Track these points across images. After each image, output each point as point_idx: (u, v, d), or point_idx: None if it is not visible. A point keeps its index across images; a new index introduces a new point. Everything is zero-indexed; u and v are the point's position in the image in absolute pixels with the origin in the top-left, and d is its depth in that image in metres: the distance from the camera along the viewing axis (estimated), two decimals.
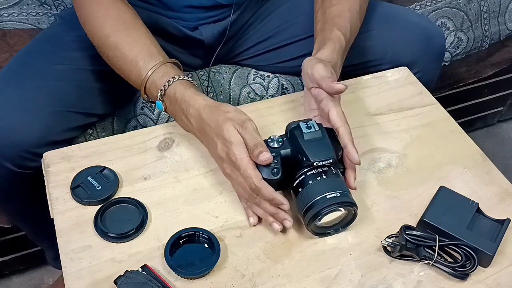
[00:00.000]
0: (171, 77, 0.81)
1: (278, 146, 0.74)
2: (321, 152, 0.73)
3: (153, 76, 0.82)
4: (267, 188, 0.71)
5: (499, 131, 1.75)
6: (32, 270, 1.34)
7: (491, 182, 0.83)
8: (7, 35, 1.20)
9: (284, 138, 0.76)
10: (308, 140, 0.73)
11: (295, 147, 0.74)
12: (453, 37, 1.31)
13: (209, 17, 1.05)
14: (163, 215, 0.77)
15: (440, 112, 0.94)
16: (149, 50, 0.84)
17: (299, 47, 1.08)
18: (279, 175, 0.73)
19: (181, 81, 0.81)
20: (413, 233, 0.72)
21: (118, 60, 0.85)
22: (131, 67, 0.83)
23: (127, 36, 0.84)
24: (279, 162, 0.73)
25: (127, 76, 0.86)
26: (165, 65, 0.83)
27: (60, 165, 0.82)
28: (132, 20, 0.87)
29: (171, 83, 0.80)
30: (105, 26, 0.85)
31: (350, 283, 0.70)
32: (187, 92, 0.80)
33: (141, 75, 0.82)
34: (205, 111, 0.77)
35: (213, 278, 0.70)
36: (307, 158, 0.72)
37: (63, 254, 0.72)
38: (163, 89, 0.80)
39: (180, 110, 0.80)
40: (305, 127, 0.74)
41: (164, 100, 0.82)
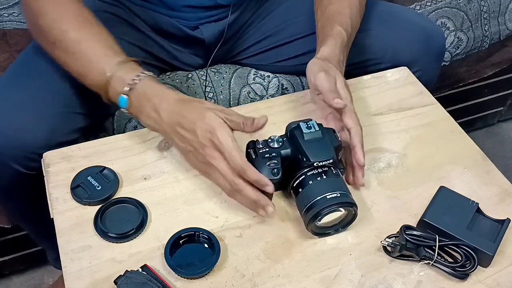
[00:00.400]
0: (140, 72, 0.79)
1: (278, 146, 0.74)
2: (321, 152, 0.73)
3: (120, 72, 0.78)
4: (251, 168, 0.71)
5: (499, 131, 1.75)
6: (32, 270, 1.34)
7: (491, 182, 0.83)
8: (7, 35, 1.20)
9: (284, 138, 0.76)
10: (308, 140, 0.73)
11: (295, 147, 0.74)
12: (453, 37, 1.32)
13: (209, 16, 1.05)
14: (163, 215, 0.77)
15: (440, 112, 0.94)
16: (112, 48, 0.81)
17: (299, 46, 1.08)
18: (279, 175, 0.73)
19: (151, 77, 0.79)
20: (413, 233, 0.72)
21: (76, 56, 0.81)
22: (92, 64, 0.80)
23: (88, 32, 0.81)
24: (279, 162, 0.73)
25: (84, 74, 0.81)
26: (130, 62, 0.80)
27: (60, 165, 0.82)
28: (92, 17, 0.83)
29: (141, 78, 0.78)
30: (63, 22, 0.81)
31: (350, 283, 0.70)
32: (159, 87, 0.78)
33: (103, 71, 0.78)
34: (179, 103, 0.76)
35: (213, 278, 0.70)
36: (307, 158, 0.73)
37: (63, 254, 0.72)
38: (132, 84, 0.77)
39: (150, 106, 0.77)
40: (305, 127, 0.74)
41: (130, 96, 0.78)
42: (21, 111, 0.85)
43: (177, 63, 1.11)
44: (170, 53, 1.09)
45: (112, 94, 0.80)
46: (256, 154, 0.74)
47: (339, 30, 0.87)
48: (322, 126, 0.75)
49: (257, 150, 0.75)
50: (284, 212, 0.78)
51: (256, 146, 0.75)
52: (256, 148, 0.75)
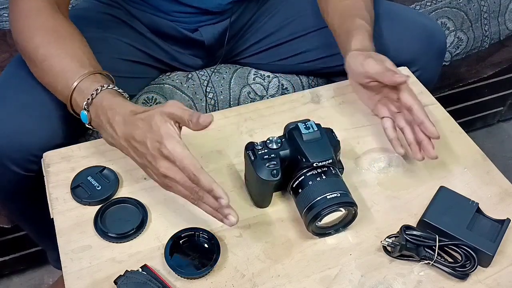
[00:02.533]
0: (100, 85, 0.75)
1: (277, 147, 0.74)
2: (321, 153, 0.73)
3: (81, 85, 0.76)
4: (206, 177, 0.67)
5: (499, 131, 1.75)
6: (32, 270, 1.34)
7: (491, 182, 0.83)
8: (7, 35, 1.20)
9: (282, 139, 0.75)
10: (307, 141, 0.73)
11: (294, 148, 0.74)
12: (453, 37, 1.32)
13: (209, 19, 1.05)
14: (163, 215, 0.77)
15: (440, 112, 0.94)
16: (80, 61, 0.79)
17: (299, 44, 1.08)
18: (278, 176, 0.72)
19: (110, 90, 0.76)
20: (413, 233, 0.72)
21: (46, 72, 0.80)
22: (58, 78, 0.78)
23: (58, 48, 0.80)
24: (278, 163, 0.73)
25: (54, 89, 0.81)
26: (94, 75, 0.77)
27: (60, 165, 0.82)
28: (66, 32, 0.82)
29: (99, 92, 0.75)
30: (36, 38, 0.80)
31: (350, 283, 0.70)
32: (116, 99, 0.74)
33: (68, 85, 0.77)
34: (130, 115, 0.71)
35: (213, 278, 0.70)
36: (306, 158, 0.72)
37: (63, 254, 0.72)
38: (90, 98, 0.75)
39: (106, 119, 0.74)
40: (304, 128, 0.74)
41: (89, 110, 0.76)
42: (21, 113, 0.84)
43: (177, 64, 1.11)
44: (170, 55, 1.09)
45: (76, 108, 0.78)
46: (255, 156, 0.74)
47: (362, 23, 0.87)
48: (320, 126, 0.75)
49: (255, 151, 0.74)
50: (284, 212, 0.78)
51: (255, 147, 0.74)
52: (254, 150, 0.74)
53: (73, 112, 0.80)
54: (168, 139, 0.68)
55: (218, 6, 1.03)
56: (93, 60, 0.81)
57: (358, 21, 0.87)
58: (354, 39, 0.85)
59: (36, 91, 0.86)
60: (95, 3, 1.06)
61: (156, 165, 0.69)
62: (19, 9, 0.82)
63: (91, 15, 1.03)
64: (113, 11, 1.04)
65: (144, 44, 1.05)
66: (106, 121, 0.74)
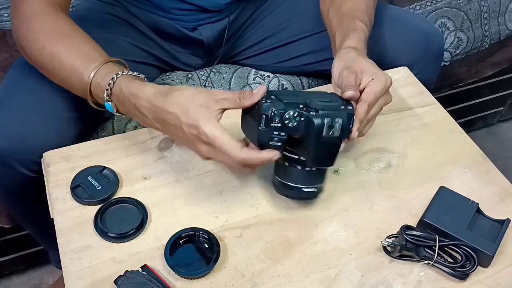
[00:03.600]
0: (114, 74, 0.76)
1: (292, 126, 0.69)
2: (325, 161, 0.72)
3: (96, 78, 0.77)
4: (251, 156, 0.68)
5: (499, 131, 1.75)
6: (32, 270, 1.34)
7: (491, 182, 0.83)
8: (7, 35, 1.20)
9: (302, 118, 0.69)
10: (323, 142, 0.69)
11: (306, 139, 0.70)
12: (453, 37, 1.32)
13: (208, 17, 1.05)
14: (163, 215, 0.77)
15: (440, 112, 0.94)
16: (88, 54, 0.79)
17: (299, 46, 1.08)
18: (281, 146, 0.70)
19: (125, 76, 0.76)
20: (413, 233, 0.72)
21: (57, 70, 0.80)
22: (71, 74, 0.78)
23: (63, 44, 0.80)
24: (285, 137, 0.69)
25: (69, 86, 0.81)
26: (106, 64, 0.78)
27: (60, 165, 0.82)
28: (69, 29, 0.82)
29: (115, 80, 0.75)
30: (40, 39, 0.80)
31: (350, 283, 0.70)
32: (133, 84, 0.75)
33: (83, 80, 0.78)
34: (157, 99, 0.72)
35: (213, 278, 0.70)
36: (309, 161, 0.71)
37: (63, 254, 0.72)
38: (108, 89, 0.76)
39: (131, 106, 0.75)
40: (327, 127, 0.68)
41: (112, 100, 0.77)
42: (26, 115, 0.85)
43: (177, 63, 1.11)
44: (170, 54, 1.09)
45: (99, 101, 0.79)
46: (266, 124, 0.68)
47: (360, 25, 0.86)
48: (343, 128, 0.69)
49: (268, 121, 0.68)
50: (284, 212, 0.78)
51: (270, 116, 0.68)
52: (268, 118, 0.68)
53: (96, 106, 0.80)
54: (204, 125, 0.68)
55: (216, 5, 1.03)
56: (100, 50, 0.81)
57: (357, 23, 0.87)
58: (349, 40, 0.84)
59: (41, 92, 0.86)
60: (95, 2, 1.06)
61: (197, 148, 0.71)
62: (20, 14, 0.82)
63: (92, 15, 1.03)
64: (114, 10, 1.04)
65: (145, 43, 1.05)
66: (133, 107, 0.75)
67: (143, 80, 0.78)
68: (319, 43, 1.06)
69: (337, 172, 0.84)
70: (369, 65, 0.79)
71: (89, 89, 0.78)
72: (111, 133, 1.02)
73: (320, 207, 0.79)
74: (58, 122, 0.85)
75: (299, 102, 0.70)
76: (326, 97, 0.73)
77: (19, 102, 0.86)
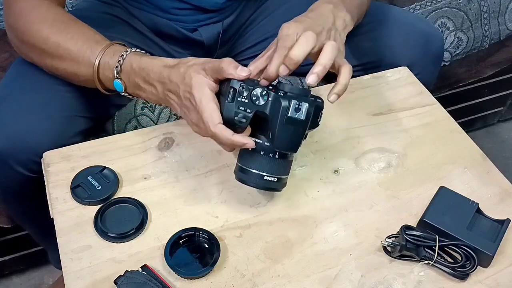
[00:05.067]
0: (123, 51, 0.78)
1: (259, 104, 0.68)
2: (289, 144, 0.71)
3: (104, 58, 0.79)
4: (222, 134, 0.68)
5: (499, 131, 1.75)
6: (32, 270, 1.34)
7: (491, 182, 0.83)
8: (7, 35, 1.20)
9: (269, 97, 0.68)
10: (287, 122, 0.68)
11: (271, 119, 0.69)
12: (453, 37, 1.32)
13: (208, 18, 1.05)
14: (163, 215, 0.77)
15: (440, 112, 0.94)
16: (94, 38, 0.81)
17: None
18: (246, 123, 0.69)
19: (134, 52, 0.79)
20: (413, 233, 0.72)
21: (63, 57, 0.81)
22: (79, 59, 0.80)
23: (68, 33, 0.82)
24: (250, 115, 0.68)
25: (76, 72, 0.82)
26: (113, 45, 0.80)
27: (60, 165, 0.82)
28: (70, 19, 0.84)
29: (124, 57, 0.78)
30: (43, 30, 0.82)
31: (350, 283, 0.70)
32: (144, 59, 0.77)
33: (91, 63, 0.79)
34: (165, 71, 0.74)
35: (213, 278, 0.70)
36: (272, 142, 0.70)
37: (63, 254, 0.72)
38: (118, 66, 0.78)
39: (141, 80, 0.77)
40: (295, 109, 0.68)
41: (122, 78, 0.79)
42: (25, 114, 0.85)
43: None
44: (170, 55, 1.09)
45: (107, 83, 0.81)
46: (233, 99, 0.68)
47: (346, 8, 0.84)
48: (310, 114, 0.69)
49: (236, 95, 0.68)
50: (284, 212, 0.78)
51: (238, 90, 0.68)
52: (236, 92, 0.68)
53: (103, 90, 0.82)
54: (195, 88, 0.69)
55: (214, 4, 1.03)
56: (102, 36, 0.83)
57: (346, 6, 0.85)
58: None
59: (40, 91, 0.86)
60: (95, 2, 1.06)
61: (188, 116, 0.72)
62: (16, 9, 0.83)
63: (92, 15, 1.03)
64: (113, 10, 1.04)
65: (145, 43, 1.05)
66: (143, 80, 0.77)
67: (151, 55, 0.80)
68: None
69: (337, 172, 0.84)
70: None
71: (97, 71, 0.80)
72: (111, 133, 1.02)
73: (320, 207, 0.79)
74: (57, 122, 0.85)
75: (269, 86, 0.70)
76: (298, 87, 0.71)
77: (18, 101, 0.86)
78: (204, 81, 0.70)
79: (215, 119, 0.68)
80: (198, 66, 0.71)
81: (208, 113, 0.68)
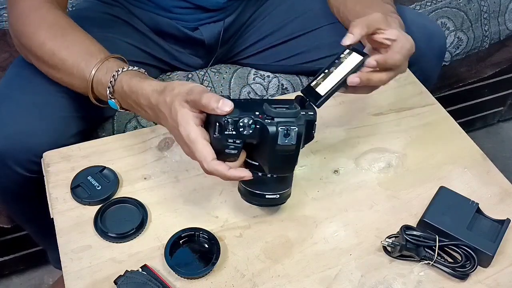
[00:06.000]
0: (115, 71, 0.76)
1: (247, 134, 0.67)
2: (283, 169, 0.71)
3: (98, 75, 0.77)
4: (218, 171, 0.66)
5: (499, 131, 1.75)
6: (32, 270, 1.34)
7: (491, 182, 0.83)
8: (7, 35, 1.20)
9: (256, 125, 0.66)
10: (279, 151, 0.67)
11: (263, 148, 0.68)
12: (453, 37, 1.31)
13: (209, 17, 1.05)
14: (163, 215, 0.77)
15: (440, 112, 0.94)
16: (88, 50, 0.80)
17: (298, 44, 1.08)
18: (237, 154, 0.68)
19: (125, 73, 0.76)
20: (413, 233, 0.72)
21: (58, 67, 0.80)
22: (73, 71, 0.79)
23: (64, 40, 0.80)
24: (241, 145, 0.67)
25: (70, 83, 0.82)
26: (107, 61, 0.78)
27: (60, 165, 0.82)
28: (69, 26, 0.82)
29: (116, 78, 0.76)
30: (40, 34, 0.80)
31: (350, 283, 0.70)
32: (133, 81, 0.75)
33: (85, 78, 0.78)
34: (153, 97, 0.72)
35: (213, 278, 0.70)
36: (266, 168, 0.70)
37: (63, 254, 0.72)
38: (110, 86, 0.76)
39: (133, 102, 0.76)
40: (283, 135, 0.66)
41: (115, 97, 0.78)
42: (24, 114, 0.84)
43: (178, 63, 1.11)
44: (170, 54, 1.09)
45: (102, 97, 0.80)
46: (220, 132, 0.66)
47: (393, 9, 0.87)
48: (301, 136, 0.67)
49: (222, 129, 0.66)
50: (284, 212, 0.78)
51: (223, 124, 0.66)
52: (222, 126, 0.66)
53: (97, 102, 0.81)
54: (182, 125, 0.67)
55: (216, 4, 1.03)
56: (100, 46, 0.81)
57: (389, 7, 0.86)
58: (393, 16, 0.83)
59: (39, 92, 0.86)
60: (95, 2, 1.06)
61: (181, 147, 0.71)
62: (17, 10, 0.83)
63: (92, 15, 1.03)
64: (114, 10, 1.04)
65: (145, 43, 1.05)
66: (134, 103, 0.76)
67: (143, 75, 0.78)
68: (319, 40, 1.06)
69: (337, 172, 0.84)
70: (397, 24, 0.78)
71: (90, 86, 0.79)
72: (111, 133, 1.02)
73: (320, 207, 0.79)
74: (56, 122, 0.85)
75: (255, 110, 0.67)
76: (285, 104, 0.69)
77: (17, 101, 0.86)
78: (190, 116, 0.67)
79: (208, 157, 0.66)
80: (181, 97, 0.68)
81: (199, 153, 0.66)
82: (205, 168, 0.67)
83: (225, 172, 0.67)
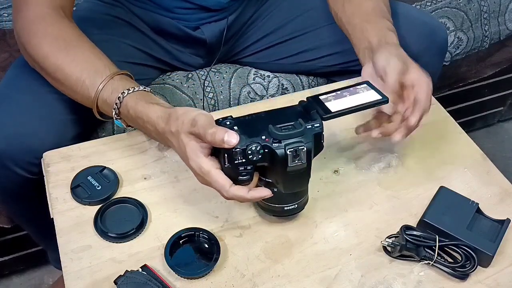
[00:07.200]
0: (120, 93, 0.76)
1: (257, 159, 0.66)
2: (298, 186, 0.71)
3: (103, 94, 0.77)
4: (239, 195, 0.67)
5: (499, 131, 1.75)
6: (32, 270, 1.34)
7: (491, 182, 0.83)
8: (7, 35, 1.20)
9: (265, 150, 0.66)
10: (290, 172, 0.67)
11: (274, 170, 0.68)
12: (453, 37, 1.31)
13: (210, 16, 1.05)
14: (163, 215, 0.77)
15: (440, 112, 0.94)
16: (94, 66, 0.78)
17: (298, 43, 1.08)
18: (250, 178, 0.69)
19: (131, 95, 0.76)
20: (413, 233, 0.72)
21: (61, 81, 0.79)
22: (77, 88, 0.78)
23: (68, 55, 0.79)
24: (252, 170, 0.67)
25: (74, 97, 0.81)
26: (112, 80, 0.77)
27: (60, 165, 0.82)
28: (74, 38, 0.81)
29: (121, 100, 0.76)
30: (44, 46, 0.79)
31: (350, 283, 0.70)
32: (138, 107, 0.75)
33: (89, 95, 0.78)
34: (159, 125, 0.72)
35: (213, 278, 0.70)
36: (282, 187, 0.70)
37: (63, 254, 0.72)
38: (116, 108, 0.77)
39: (139, 126, 0.78)
40: (292, 157, 0.66)
41: (122, 118, 0.78)
42: (24, 115, 0.84)
43: (178, 63, 1.11)
44: (171, 54, 1.09)
45: (107, 114, 0.80)
46: (230, 162, 0.66)
47: (390, 26, 0.87)
48: (310, 153, 0.67)
49: (232, 159, 0.66)
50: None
51: (232, 155, 0.65)
52: (231, 156, 0.66)
53: (101, 117, 0.81)
54: (192, 159, 0.68)
55: (217, 4, 1.03)
56: (105, 60, 0.80)
57: (386, 23, 0.87)
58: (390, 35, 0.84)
59: (39, 92, 0.86)
60: (96, 3, 1.06)
61: (195, 176, 0.71)
62: (23, 17, 0.81)
63: (93, 16, 1.03)
64: (115, 11, 1.04)
65: (146, 44, 1.05)
66: (140, 127, 0.78)
67: (148, 97, 0.77)
68: (319, 39, 1.06)
69: (337, 172, 0.84)
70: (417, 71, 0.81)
71: (95, 104, 0.79)
72: (111, 133, 1.02)
73: (320, 207, 0.79)
74: (56, 123, 0.85)
75: (261, 133, 0.66)
76: (290, 120, 0.68)
77: (17, 102, 0.86)
78: (198, 148, 0.67)
79: (225, 185, 0.67)
80: (186, 129, 0.68)
81: (215, 183, 0.67)
82: (224, 196, 0.68)
83: (246, 195, 0.68)
